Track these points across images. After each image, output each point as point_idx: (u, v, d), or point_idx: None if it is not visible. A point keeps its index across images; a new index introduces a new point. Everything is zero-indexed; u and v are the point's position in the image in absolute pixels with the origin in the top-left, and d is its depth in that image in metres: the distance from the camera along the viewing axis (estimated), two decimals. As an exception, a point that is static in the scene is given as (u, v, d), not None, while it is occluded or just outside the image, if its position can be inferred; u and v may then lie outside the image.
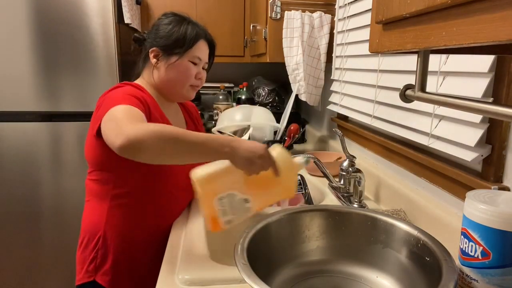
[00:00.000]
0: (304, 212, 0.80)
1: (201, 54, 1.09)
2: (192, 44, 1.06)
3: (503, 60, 0.72)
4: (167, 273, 0.78)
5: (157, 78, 1.07)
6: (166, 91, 1.09)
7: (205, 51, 1.11)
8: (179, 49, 1.05)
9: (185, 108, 1.23)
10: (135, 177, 0.99)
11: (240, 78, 2.50)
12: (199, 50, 1.08)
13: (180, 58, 1.05)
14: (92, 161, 1.01)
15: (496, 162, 0.75)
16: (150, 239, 1.03)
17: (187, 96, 1.11)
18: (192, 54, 1.07)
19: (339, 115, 1.63)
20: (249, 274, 0.57)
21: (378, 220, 0.76)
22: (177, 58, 1.05)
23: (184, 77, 1.07)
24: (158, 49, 1.06)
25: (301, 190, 1.25)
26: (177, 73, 1.06)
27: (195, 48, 1.07)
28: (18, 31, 1.74)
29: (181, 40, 1.05)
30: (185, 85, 1.08)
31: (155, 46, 1.06)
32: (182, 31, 1.06)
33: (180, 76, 1.07)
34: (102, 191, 1.01)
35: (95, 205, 1.02)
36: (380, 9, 0.50)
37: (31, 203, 1.89)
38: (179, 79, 1.07)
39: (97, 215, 1.01)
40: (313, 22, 1.58)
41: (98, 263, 1.00)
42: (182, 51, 1.05)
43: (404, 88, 0.64)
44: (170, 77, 1.06)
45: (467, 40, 0.35)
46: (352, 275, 0.75)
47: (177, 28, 1.06)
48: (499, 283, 0.59)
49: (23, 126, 1.82)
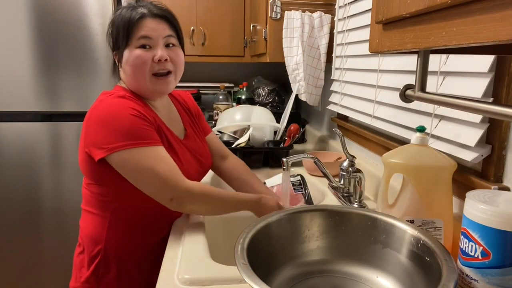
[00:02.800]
0: (304, 212, 0.80)
1: (147, 31, 0.92)
2: (130, 30, 0.92)
3: (503, 60, 0.72)
4: (167, 273, 0.78)
5: (125, 81, 0.99)
6: (137, 90, 0.98)
7: (156, 26, 0.94)
8: (121, 41, 0.93)
9: (177, 100, 1.14)
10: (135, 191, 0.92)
11: (240, 78, 2.50)
12: (142, 29, 0.92)
13: (127, 49, 0.93)
14: (89, 176, 0.97)
15: (496, 162, 0.75)
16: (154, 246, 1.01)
17: (156, 88, 0.96)
18: (135, 38, 0.92)
19: (339, 115, 1.63)
20: (249, 274, 0.57)
21: (378, 220, 0.76)
22: (125, 52, 0.93)
23: (138, 68, 0.93)
24: (115, 51, 0.98)
25: (301, 190, 1.25)
26: (130, 66, 0.94)
27: (136, 31, 0.92)
28: (18, 31, 1.74)
29: (121, 31, 0.93)
30: (145, 76, 0.94)
31: (112, 48, 0.98)
32: (117, 22, 0.94)
33: (134, 68, 0.93)
34: (101, 203, 0.97)
35: (95, 216, 0.99)
36: (380, 9, 0.50)
37: (31, 203, 1.89)
38: (135, 72, 0.94)
39: (98, 227, 0.98)
40: (313, 22, 1.58)
41: (101, 274, 0.98)
42: (125, 42, 0.93)
43: (404, 88, 0.64)
44: (129, 75, 0.95)
45: (467, 40, 0.35)
46: (352, 275, 0.75)
47: (115, 20, 0.95)
48: (499, 283, 0.59)
49: (23, 126, 1.82)
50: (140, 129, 0.89)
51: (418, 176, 0.78)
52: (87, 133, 0.91)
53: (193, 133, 1.12)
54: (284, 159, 1.06)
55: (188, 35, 2.18)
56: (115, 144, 0.86)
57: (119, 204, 0.97)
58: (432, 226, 0.77)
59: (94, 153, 0.89)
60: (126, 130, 0.87)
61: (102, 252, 0.97)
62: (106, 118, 0.88)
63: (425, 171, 0.77)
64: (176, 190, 0.88)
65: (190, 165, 1.02)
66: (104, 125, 0.88)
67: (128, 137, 0.87)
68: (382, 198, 0.84)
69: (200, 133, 1.16)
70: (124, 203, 0.97)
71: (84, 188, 1.01)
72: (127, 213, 0.98)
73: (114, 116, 0.88)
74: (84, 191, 1.01)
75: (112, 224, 0.97)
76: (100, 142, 0.88)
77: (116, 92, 0.96)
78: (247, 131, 1.58)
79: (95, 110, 0.91)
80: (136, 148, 0.87)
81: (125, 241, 0.99)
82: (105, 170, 0.91)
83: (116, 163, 0.88)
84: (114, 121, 0.88)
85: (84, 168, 0.96)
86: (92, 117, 0.90)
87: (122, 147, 0.86)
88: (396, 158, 0.80)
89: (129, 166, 0.88)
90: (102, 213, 0.98)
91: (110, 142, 0.87)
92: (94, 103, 0.94)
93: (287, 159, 1.06)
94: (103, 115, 0.89)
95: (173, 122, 1.06)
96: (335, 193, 1.19)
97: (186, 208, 0.93)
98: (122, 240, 0.98)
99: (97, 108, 0.91)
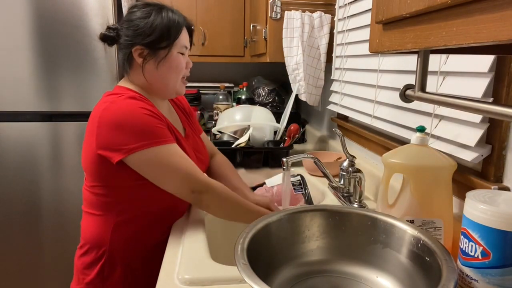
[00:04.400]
0: (304, 212, 0.80)
1: (186, 42, 1.02)
2: (177, 34, 0.98)
3: (503, 60, 0.72)
4: (167, 273, 0.78)
5: (149, 78, 0.99)
6: (159, 89, 1.01)
7: (187, 38, 1.03)
8: (165, 42, 0.96)
9: (175, 102, 1.17)
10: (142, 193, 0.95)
11: (240, 78, 2.50)
12: (185, 38, 1.01)
13: (169, 52, 0.98)
14: (96, 178, 0.95)
15: (496, 162, 0.75)
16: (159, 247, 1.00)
17: (180, 91, 1.05)
18: (179, 45, 0.99)
19: (339, 115, 1.63)
20: (249, 274, 0.57)
21: (378, 220, 0.76)
22: (166, 53, 0.97)
23: (177, 71, 1.00)
24: (142, 47, 0.96)
25: (301, 190, 1.25)
26: (169, 68, 0.99)
27: (181, 38, 0.99)
28: (18, 31, 1.74)
29: (166, 32, 0.96)
30: (178, 79, 1.02)
31: (137, 44, 0.96)
32: (164, 22, 0.96)
33: (172, 71, 1.00)
34: (104, 205, 0.97)
35: (98, 219, 0.98)
36: (380, 9, 0.50)
37: (31, 203, 1.89)
38: (172, 75, 1.00)
39: (102, 229, 0.97)
40: (313, 22, 1.58)
41: (106, 275, 0.98)
42: (169, 44, 0.97)
43: (404, 88, 0.64)
44: (163, 74, 0.99)
45: (467, 40, 0.35)
46: (352, 275, 0.75)
47: (158, 19, 0.96)
48: (499, 283, 0.59)
49: (23, 126, 1.83)
50: (156, 127, 0.91)
51: (418, 176, 0.78)
52: (100, 135, 0.90)
53: (191, 131, 1.14)
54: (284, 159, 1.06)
55: (188, 35, 2.18)
56: (133, 145, 0.88)
57: (125, 206, 0.97)
58: (432, 226, 0.77)
59: (111, 155, 0.89)
60: (142, 130, 0.89)
61: (107, 253, 0.97)
62: (121, 120, 0.88)
63: (425, 171, 0.77)
64: (197, 183, 0.92)
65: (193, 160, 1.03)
66: (120, 127, 0.88)
67: (146, 137, 0.88)
68: (382, 198, 0.84)
69: (196, 131, 1.18)
70: (130, 205, 0.97)
71: (85, 189, 1.00)
72: (132, 215, 0.97)
73: (128, 117, 0.89)
74: (86, 193, 1.00)
75: (117, 226, 0.97)
76: (117, 144, 0.88)
77: (125, 92, 0.96)
78: (247, 131, 1.58)
79: (107, 111, 0.90)
80: (155, 147, 0.89)
81: (130, 243, 0.99)
82: (118, 173, 0.91)
83: (136, 163, 0.90)
84: (130, 122, 0.89)
85: (92, 169, 0.95)
86: (105, 119, 0.89)
87: (141, 147, 0.88)
88: (396, 158, 0.80)
89: (150, 165, 0.90)
90: (106, 214, 0.97)
91: (127, 143, 0.88)
92: (101, 104, 0.93)
93: (287, 159, 1.06)
94: (117, 116, 0.89)
95: (174, 121, 1.09)
96: (335, 193, 1.19)
97: (203, 203, 0.95)
98: (128, 241, 0.98)
99: (109, 110, 0.90)
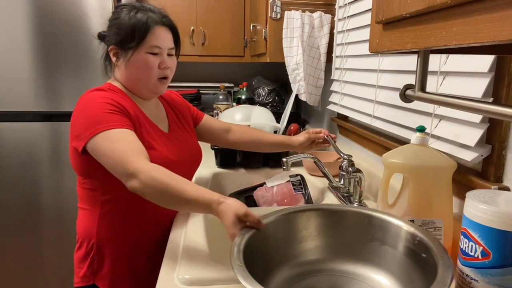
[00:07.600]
0: (300, 212, 0.80)
1: (159, 41, 0.98)
2: (144, 34, 0.96)
3: (503, 60, 0.72)
4: (167, 273, 0.78)
5: (121, 77, 1.01)
6: (133, 88, 1.02)
7: (165, 37, 1.00)
8: (131, 42, 0.96)
9: (166, 100, 1.17)
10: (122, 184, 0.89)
11: (240, 78, 2.50)
12: (156, 38, 0.98)
13: (136, 52, 0.97)
14: (77, 171, 1.00)
15: (496, 162, 0.75)
16: (148, 241, 1.03)
17: (156, 90, 1.02)
18: (148, 45, 0.97)
19: (339, 115, 1.63)
20: (245, 276, 0.57)
21: (375, 217, 0.76)
22: (133, 53, 0.97)
23: (145, 72, 0.98)
24: (115, 46, 0.99)
25: (301, 190, 1.25)
26: (137, 69, 0.98)
27: (150, 37, 0.97)
28: (18, 31, 1.74)
29: (130, 32, 0.96)
30: (151, 80, 0.99)
31: (112, 44, 0.99)
32: (131, 22, 0.96)
33: (140, 71, 0.98)
34: (91, 198, 0.99)
35: (86, 211, 1.01)
36: (380, 9, 0.50)
37: (30, 203, 1.89)
38: (141, 75, 0.99)
39: (89, 222, 1.00)
40: (313, 22, 1.58)
41: (95, 268, 0.99)
42: (135, 45, 0.96)
43: (404, 88, 0.64)
44: (132, 74, 0.99)
45: (467, 40, 0.35)
46: (350, 273, 0.75)
47: (126, 19, 0.97)
48: (499, 283, 0.59)
49: (23, 126, 1.83)
50: (104, 113, 0.90)
51: (418, 176, 0.78)
52: (70, 127, 0.96)
53: (177, 128, 1.13)
54: (284, 159, 1.06)
55: (188, 35, 2.18)
56: (86, 132, 0.89)
57: (107, 198, 0.98)
58: (432, 226, 0.77)
59: (77, 145, 0.92)
60: (94, 117, 0.90)
61: (95, 246, 0.99)
62: (80, 109, 0.93)
63: (425, 171, 0.77)
64: (125, 168, 0.83)
65: (174, 154, 1.03)
66: (79, 116, 0.93)
67: (95, 124, 0.89)
68: (382, 198, 0.84)
69: (187, 128, 1.17)
70: (112, 195, 0.98)
71: (77, 185, 1.04)
72: (115, 207, 0.99)
73: (85, 107, 0.93)
74: (78, 189, 1.04)
75: (102, 217, 0.99)
76: (77, 133, 0.92)
77: (105, 87, 0.99)
78: (247, 131, 1.58)
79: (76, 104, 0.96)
80: (100, 133, 0.88)
81: (116, 235, 1.00)
82: (92, 163, 0.92)
83: (91, 150, 0.90)
84: (85, 110, 0.92)
85: (73, 163, 0.99)
86: (74, 111, 0.95)
87: (90, 134, 0.88)
88: (396, 158, 0.80)
89: (98, 151, 0.89)
90: (92, 207, 1.00)
91: (83, 131, 0.90)
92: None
93: (287, 159, 1.06)
94: (77, 107, 0.94)
95: (159, 118, 1.09)
96: (335, 193, 1.20)
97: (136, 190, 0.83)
98: (113, 234, 1.00)
99: (77, 102, 0.96)
